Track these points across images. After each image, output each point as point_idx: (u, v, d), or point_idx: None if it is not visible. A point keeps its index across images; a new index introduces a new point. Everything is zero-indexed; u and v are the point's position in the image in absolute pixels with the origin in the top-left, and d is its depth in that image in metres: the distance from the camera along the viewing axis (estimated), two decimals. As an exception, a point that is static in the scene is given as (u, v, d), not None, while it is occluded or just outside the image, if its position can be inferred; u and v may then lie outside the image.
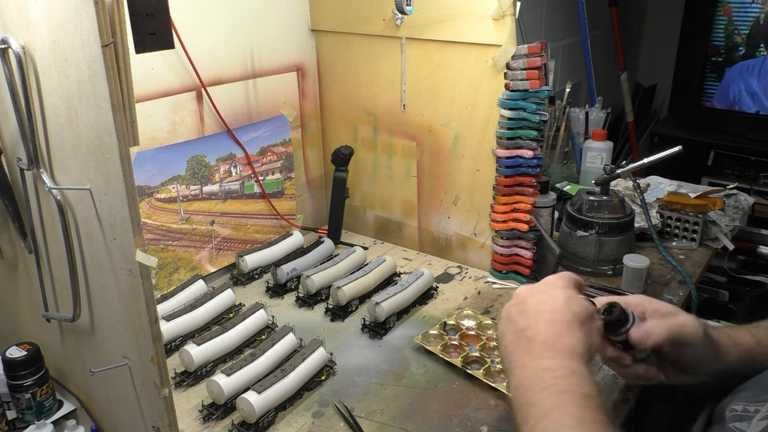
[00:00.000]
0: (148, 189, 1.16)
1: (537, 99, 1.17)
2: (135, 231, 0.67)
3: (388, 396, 0.97)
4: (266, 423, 0.92)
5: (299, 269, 1.29)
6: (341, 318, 1.18)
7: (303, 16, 1.40)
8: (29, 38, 0.71)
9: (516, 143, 1.21)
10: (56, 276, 0.87)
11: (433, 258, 1.42)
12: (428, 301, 1.24)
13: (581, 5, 2.17)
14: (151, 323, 0.71)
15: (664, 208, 1.45)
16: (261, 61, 1.32)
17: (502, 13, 1.13)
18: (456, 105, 1.27)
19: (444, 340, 1.08)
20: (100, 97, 0.63)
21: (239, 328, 1.08)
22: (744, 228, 1.51)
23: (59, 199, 0.76)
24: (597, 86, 2.29)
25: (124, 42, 0.62)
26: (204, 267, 1.30)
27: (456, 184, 1.33)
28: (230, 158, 1.30)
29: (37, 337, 0.95)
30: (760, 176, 2.51)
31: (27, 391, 0.89)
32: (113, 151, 0.64)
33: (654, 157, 1.27)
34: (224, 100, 1.25)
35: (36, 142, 0.76)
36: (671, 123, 2.76)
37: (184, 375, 1.02)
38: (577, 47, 2.32)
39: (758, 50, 2.40)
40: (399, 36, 1.30)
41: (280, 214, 1.44)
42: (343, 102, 1.46)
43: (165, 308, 1.13)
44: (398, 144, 1.40)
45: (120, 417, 0.87)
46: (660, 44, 3.04)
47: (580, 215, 1.31)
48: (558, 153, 1.78)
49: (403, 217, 1.45)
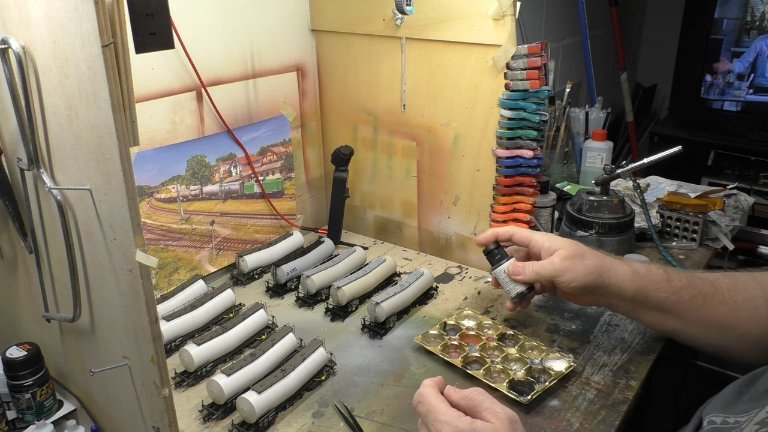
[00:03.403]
0: (148, 189, 1.16)
1: (537, 99, 1.17)
2: (135, 231, 0.67)
3: (388, 396, 0.97)
4: (266, 423, 0.92)
5: (299, 269, 1.29)
6: (341, 318, 1.18)
7: (303, 16, 1.40)
8: (29, 38, 0.71)
9: (516, 143, 1.21)
10: (56, 276, 0.87)
11: (433, 258, 1.42)
12: (428, 301, 1.24)
13: (581, 5, 2.17)
14: (151, 323, 0.71)
15: (664, 208, 1.45)
16: (261, 61, 1.32)
17: (502, 13, 1.13)
18: (456, 105, 1.27)
19: (444, 340, 1.07)
20: (100, 97, 0.63)
21: (239, 328, 1.08)
22: (744, 228, 1.51)
23: (59, 199, 0.76)
24: (597, 86, 2.29)
25: (124, 42, 0.62)
26: (204, 267, 1.30)
27: (456, 184, 1.33)
28: (230, 158, 1.30)
29: (37, 337, 0.95)
30: (760, 176, 2.51)
31: (27, 391, 0.89)
32: (113, 151, 0.64)
33: (654, 157, 1.27)
34: (224, 100, 1.25)
35: (36, 142, 0.76)
36: (671, 123, 2.76)
37: (184, 375, 1.02)
38: (577, 47, 2.32)
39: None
40: (399, 36, 1.30)
41: (280, 214, 1.44)
42: (343, 102, 1.46)
43: (165, 308, 1.13)
44: (398, 144, 1.40)
45: (120, 417, 0.87)
46: (660, 44, 3.04)
47: (580, 215, 1.31)
48: (558, 153, 1.78)
49: (403, 217, 1.45)
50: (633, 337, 1.10)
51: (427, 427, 0.70)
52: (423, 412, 0.71)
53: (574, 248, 0.97)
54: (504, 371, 0.99)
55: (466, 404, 0.71)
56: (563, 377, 0.98)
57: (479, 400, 0.70)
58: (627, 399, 0.95)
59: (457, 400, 0.72)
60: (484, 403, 0.70)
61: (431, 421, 0.69)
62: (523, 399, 0.92)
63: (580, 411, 0.92)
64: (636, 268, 0.95)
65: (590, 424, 0.90)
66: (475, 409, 0.70)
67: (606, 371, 1.01)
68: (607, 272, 0.94)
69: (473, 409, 0.70)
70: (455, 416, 0.68)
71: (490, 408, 0.69)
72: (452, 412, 0.69)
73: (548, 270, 0.97)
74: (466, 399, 0.71)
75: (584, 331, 1.12)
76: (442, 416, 0.69)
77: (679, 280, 0.93)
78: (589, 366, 1.03)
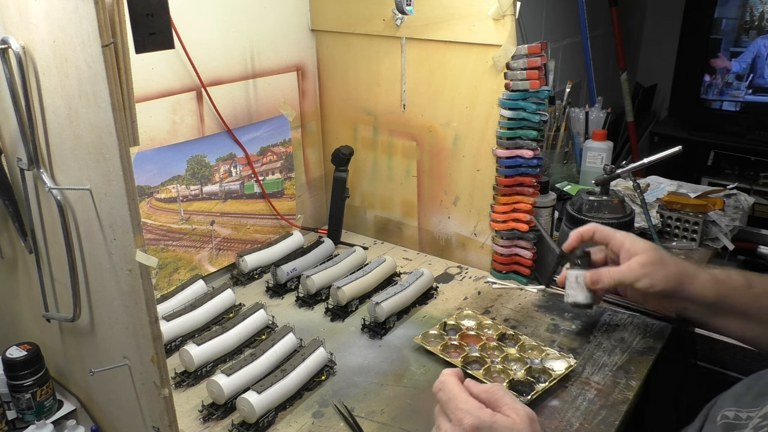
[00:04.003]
0: (148, 189, 1.16)
1: (537, 99, 1.17)
2: (135, 231, 0.67)
3: (388, 396, 0.97)
4: (266, 423, 0.92)
5: (299, 269, 1.29)
6: (341, 318, 1.18)
7: (303, 16, 1.40)
8: (29, 38, 0.71)
9: (516, 143, 1.21)
10: (56, 276, 0.87)
11: (433, 258, 1.42)
12: (428, 301, 1.24)
13: (581, 5, 2.17)
14: (151, 323, 0.71)
15: (664, 208, 1.45)
16: (261, 61, 1.32)
17: (502, 13, 1.13)
18: (456, 105, 1.27)
19: (444, 340, 1.08)
20: (100, 97, 0.63)
21: (239, 328, 1.08)
22: (744, 228, 1.51)
23: (59, 199, 0.76)
24: (597, 86, 2.30)
25: (124, 42, 0.62)
26: (204, 267, 1.30)
27: (456, 184, 1.33)
28: (230, 158, 1.30)
29: (37, 337, 0.95)
30: (760, 176, 2.51)
31: (27, 391, 0.89)
32: (113, 151, 0.64)
33: (654, 157, 1.27)
34: (224, 100, 1.25)
35: (36, 142, 0.76)
36: (671, 123, 2.76)
37: (184, 375, 1.02)
38: (577, 47, 2.32)
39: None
40: (399, 36, 1.30)
41: (280, 214, 1.44)
42: (343, 102, 1.46)
43: (165, 308, 1.13)
44: (398, 144, 1.40)
45: (120, 417, 0.87)
46: (660, 44, 3.04)
47: (580, 215, 1.31)
48: (558, 153, 1.78)
49: (403, 217, 1.45)
50: (633, 337, 1.10)
51: (446, 414, 0.70)
52: (444, 400, 0.70)
53: (655, 254, 0.97)
54: (504, 371, 0.99)
55: (486, 397, 0.70)
56: (563, 377, 0.98)
57: (500, 394, 0.70)
58: (627, 399, 0.95)
59: (477, 392, 0.71)
60: (504, 399, 0.69)
61: (452, 408, 0.69)
62: (523, 399, 0.92)
63: (580, 411, 0.93)
64: (716, 274, 0.96)
65: (590, 424, 0.90)
66: (495, 403, 0.69)
67: (606, 371, 1.01)
68: (689, 279, 0.95)
69: (493, 402, 0.69)
70: (476, 407, 0.68)
71: (510, 404, 0.68)
72: (473, 402, 0.69)
73: (627, 277, 0.97)
74: (486, 392, 0.71)
75: (584, 331, 1.12)
76: (463, 405, 0.68)
77: (760, 286, 0.93)
78: (589, 366, 1.03)
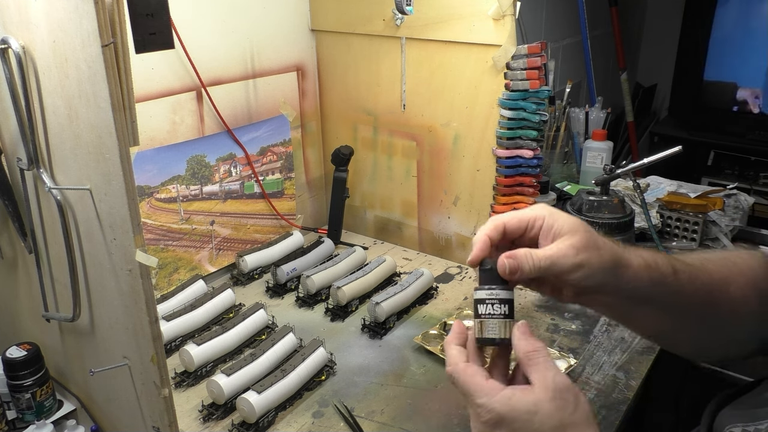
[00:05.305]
0: (148, 189, 1.16)
1: (537, 99, 1.17)
2: (135, 231, 0.67)
3: (388, 396, 0.97)
4: (266, 423, 0.92)
5: (299, 269, 1.29)
6: (341, 318, 1.18)
7: (303, 16, 1.40)
8: (29, 38, 0.71)
9: (516, 143, 1.21)
10: (56, 276, 0.86)
11: (433, 258, 1.42)
12: (428, 301, 1.24)
13: (581, 5, 2.17)
14: (151, 323, 0.71)
15: (664, 208, 1.45)
16: (261, 61, 1.32)
17: (502, 13, 1.13)
18: (456, 105, 1.27)
19: (444, 340, 1.07)
20: (100, 97, 0.63)
21: (239, 328, 1.08)
22: (744, 228, 1.51)
23: (59, 199, 0.76)
24: (597, 86, 2.29)
25: (124, 42, 0.62)
26: (204, 267, 1.30)
27: (456, 184, 1.33)
28: (230, 158, 1.30)
29: (37, 337, 0.95)
30: (760, 176, 2.51)
31: (27, 391, 0.89)
32: (113, 151, 0.64)
33: (654, 157, 1.27)
34: (224, 100, 1.25)
35: (36, 142, 0.76)
36: (671, 123, 2.76)
37: (184, 375, 1.02)
38: (577, 47, 2.32)
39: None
40: (399, 36, 1.30)
41: (280, 214, 1.44)
42: (343, 102, 1.46)
43: (165, 308, 1.13)
44: (398, 144, 1.39)
45: (120, 417, 0.87)
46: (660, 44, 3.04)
47: (580, 215, 1.31)
48: (558, 153, 1.78)
49: (403, 217, 1.45)
50: (633, 337, 1.10)
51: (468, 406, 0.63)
52: (460, 393, 0.63)
53: (589, 235, 0.67)
54: (504, 371, 0.99)
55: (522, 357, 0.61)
56: (563, 377, 0.98)
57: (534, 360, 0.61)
58: (627, 399, 0.95)
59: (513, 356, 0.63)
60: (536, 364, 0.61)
61: (470, 404, 0.62)
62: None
63: (580, 411, 0.92)
64: (646, 258, 0.70)
65: (590, 424, 0.90)
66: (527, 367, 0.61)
67: (606, 371, 1.01)
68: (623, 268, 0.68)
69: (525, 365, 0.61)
70: (490, 395, 0.60)
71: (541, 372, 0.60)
72: (487, 389, 0.61)
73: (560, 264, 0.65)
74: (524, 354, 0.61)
75: (584, 331, 1.12)
76: (478, 399, 0.61)
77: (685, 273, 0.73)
78: (589, 366, 1.03)
